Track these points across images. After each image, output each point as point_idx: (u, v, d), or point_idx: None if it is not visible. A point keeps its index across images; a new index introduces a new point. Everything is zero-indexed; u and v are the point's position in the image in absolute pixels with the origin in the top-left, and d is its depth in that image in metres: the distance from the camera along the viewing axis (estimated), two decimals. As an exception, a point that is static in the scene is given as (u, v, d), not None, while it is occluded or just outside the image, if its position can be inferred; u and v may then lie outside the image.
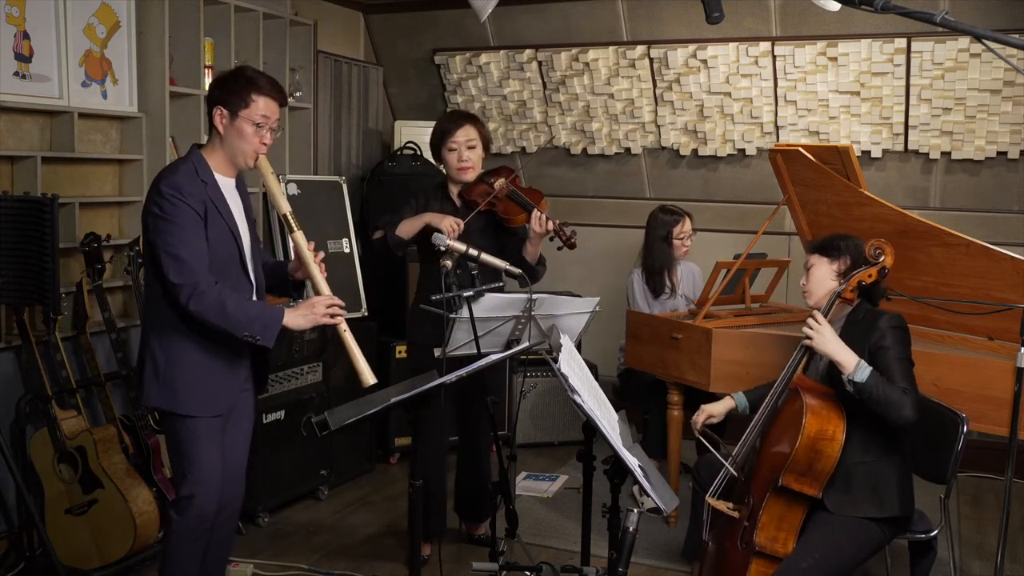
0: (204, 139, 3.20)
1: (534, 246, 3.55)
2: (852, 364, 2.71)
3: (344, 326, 2.66)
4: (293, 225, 2.69)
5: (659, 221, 4.44)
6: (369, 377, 2.62)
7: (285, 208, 2.69)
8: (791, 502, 2.75)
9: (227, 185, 2.72)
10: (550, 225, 3.43)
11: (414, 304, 3.66)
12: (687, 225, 4.44)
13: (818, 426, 2.69)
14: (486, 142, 3.62)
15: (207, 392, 2.67)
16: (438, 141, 3.58)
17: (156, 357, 2.65)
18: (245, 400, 2.84)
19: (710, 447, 2.97)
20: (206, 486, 2.67)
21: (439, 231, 3.31)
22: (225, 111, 2.64)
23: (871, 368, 2.70)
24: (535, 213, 3.47)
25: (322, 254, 2.74)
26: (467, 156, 3.54)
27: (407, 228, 3.50)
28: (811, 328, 2.80)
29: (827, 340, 2.77)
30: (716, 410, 3.18)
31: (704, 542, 2.99)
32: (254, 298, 2.77)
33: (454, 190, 3.61)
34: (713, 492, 2.90)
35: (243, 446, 2.87)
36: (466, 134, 3.54)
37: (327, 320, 2.65)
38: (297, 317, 2.64)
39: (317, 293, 2.69)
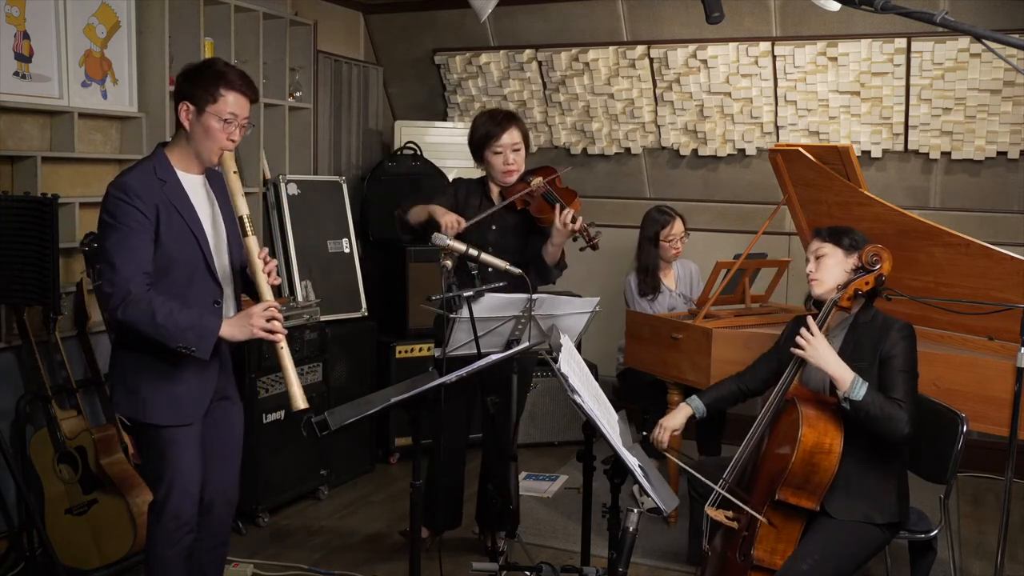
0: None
1: (555, 246, 3.41)
2: (848, 381, 2.61)
3: (283, 343, 2.52)
4: (248, 229, 2.58)
5: (650, 220, 4.42)
6: (300, 402, 2.50)
7: (243, 210, 2.58)
8: (789, 515, 2.70)
9: (192, 183, 2.63)
10: (575, 225, 3.30)
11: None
12: (678, 227, 4.37)
13: (814, 439, 2.62)
14: (527, 141, 3.51)
15: (174, 401, 2.59)
16: (481, 143, 3.45)
17: (123, 364, 2.60)
18: (226, 409, 2.75)
19: (687, 468, 2.90)
20: (180, 490, 2.62)
21: (438, 227, 3.26)
22: (191, 106, 2.54)
23: (867, 384, 2.62)
24: (559, 209, 3.33)
25: (273, 263, 2.63)
26: (512, 159, 3.43)
27: (415, 214, 3.44)
28: (805, 339, 2.69)
29: (820, 353, 2.67)
30: (676, 423, 3.08)
31: (704, 551, 2.96)
32: (225, 302, 2.67)
33: (495, 189, 3.52)
34: (712, 501, 2.84)
35: (231, 457, 2.80)
36: (511, 137, 3.41)
37: (265, 335, 2.50)
38: (233, 328, 2.51)
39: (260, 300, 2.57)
